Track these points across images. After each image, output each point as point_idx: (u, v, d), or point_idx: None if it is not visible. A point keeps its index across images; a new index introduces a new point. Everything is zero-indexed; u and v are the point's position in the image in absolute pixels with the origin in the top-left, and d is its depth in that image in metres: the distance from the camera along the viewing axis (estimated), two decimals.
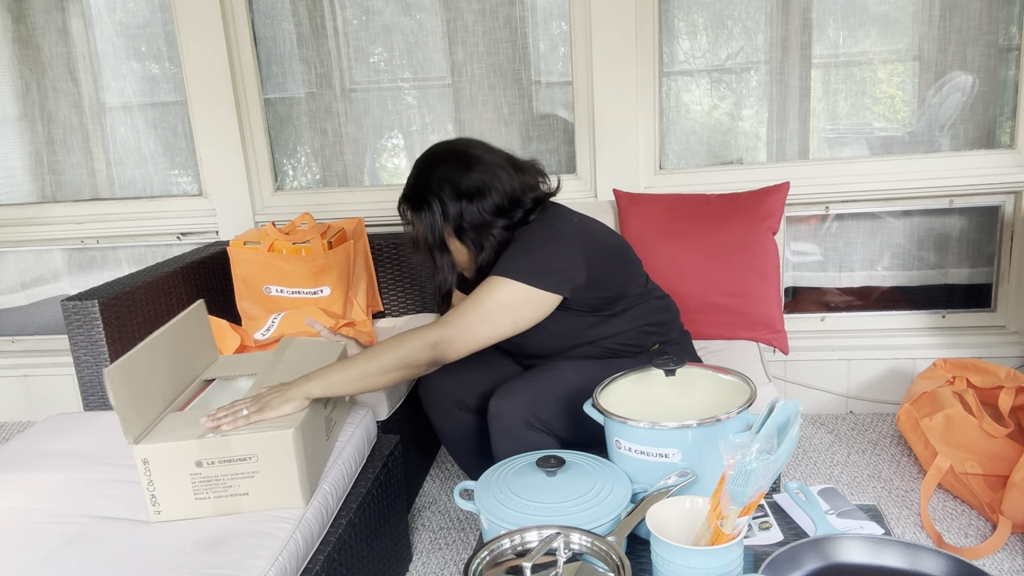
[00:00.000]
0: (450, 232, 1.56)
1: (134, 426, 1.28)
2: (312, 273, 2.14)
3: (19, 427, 2.81)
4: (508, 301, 1.46)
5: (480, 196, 1.52)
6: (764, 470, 0.94)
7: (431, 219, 1.54)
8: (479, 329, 1.45)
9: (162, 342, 1.42)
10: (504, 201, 1.54)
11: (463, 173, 1.53)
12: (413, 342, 1.43)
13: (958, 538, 1.81)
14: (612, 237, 1.65)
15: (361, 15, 2.53)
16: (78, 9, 2.63)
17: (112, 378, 1.24)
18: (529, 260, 1.49)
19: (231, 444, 1.26)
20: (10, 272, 2.89)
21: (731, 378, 1.33)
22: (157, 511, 1.29)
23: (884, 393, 2.46)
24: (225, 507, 1.29)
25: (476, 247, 1.56)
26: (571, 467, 1.23)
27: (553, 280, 1.48)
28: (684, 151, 2.50)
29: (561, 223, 1.55)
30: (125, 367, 1.28)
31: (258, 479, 1.28)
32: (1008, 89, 2.31)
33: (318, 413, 1.42)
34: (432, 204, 1.53)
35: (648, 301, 1.67)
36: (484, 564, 1.01)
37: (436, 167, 1.55)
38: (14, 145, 2.76)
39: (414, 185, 1.57)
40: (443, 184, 1.52)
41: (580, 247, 1.52)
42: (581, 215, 1.64)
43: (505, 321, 1.46)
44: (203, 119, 2.55)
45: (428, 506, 2.10)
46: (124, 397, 1.26)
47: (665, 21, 2.40)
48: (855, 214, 2.46)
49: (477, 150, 1.57)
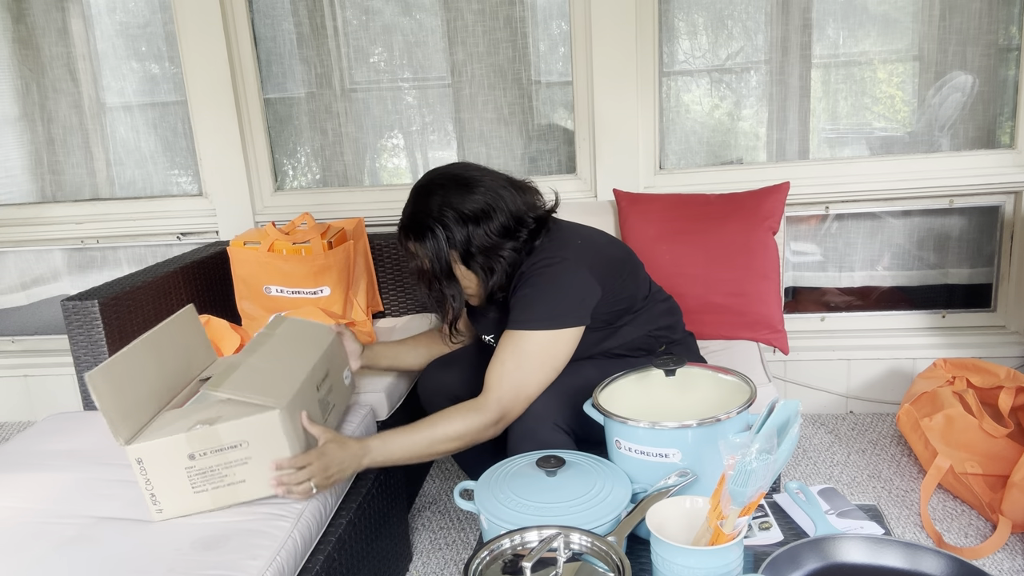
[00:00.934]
0: (456, 259, 1.51)
1: (123, 428, 1.28)
2: (312, 273, 2.14)
3: (19, 427, 2.81)
4: (540, 351, 1.46)
5: (487, 218, 1.48)
6: (764, 470, 0.94)
7: (436, 247, 1.49)
8: (526, 387, 1.45)
9: (149, 345, 1.42)
10: (510, 221, 1.50)
11: (466, 196, 1.48)
12: (473, 426, 1.42)
13: (958, 538, 1.81)
14: (616, 248, 1.64)
15: (361, 15, 2.53)
16: (78, 9, 2.63)
17: (94, 382, 1.25)
18: (547, 304, 1.47)
19: (220, 433, 1.26)
20: (10, 272, 2.89)
21: (731, 378, 1.33)
22: (158, 509, 1.29)
23: (884, 393, 2.46)
24: (224, 497, 1.29)
25: (486, 271, 1.51)
26: (571, 467, 1.23)
27: (573, 315, 1.48)
28: (684, 151, 2.50)
29: (566, 250, 1.52)
30: (108, 371, 1.28)
31: (252, 464, 1.28)
32: (1008, 89, 2.31)
33: (310, 394, 1.41)
34: (436, 231, 1.48)
35: (654, 305, 1.67)
36: (484, 564, 1.01)
37: (436, 192, 1.50)
38: (14, 145, 2.76)
39: (413, 213, 1.51)
40: (446, 209, 1.47)
41: (589, 268, 1.51)
42: (584, 231, 1.62)
43: (546, 370, 1.47)
44: (203, 119, 2.55)
45: (428, 506, 2.10)
46: (109, 401, 1.26)
47: (665, 21, 2.40)
48: (855, 214, 2.45)
49: (475, 172, 1.53)
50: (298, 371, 1.41)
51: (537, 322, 1.46)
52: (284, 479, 1.28)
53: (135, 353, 1.37)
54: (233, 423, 1.26)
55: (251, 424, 1.26)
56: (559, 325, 1.47)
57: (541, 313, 1.47)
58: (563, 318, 1.47)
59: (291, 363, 1.44)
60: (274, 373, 1.39)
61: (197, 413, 1.33)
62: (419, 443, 1.42)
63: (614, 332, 1.60)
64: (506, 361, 1.45)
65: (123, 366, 1.33)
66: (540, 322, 1.46)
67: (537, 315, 1.46)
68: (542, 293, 1.48)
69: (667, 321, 1.68)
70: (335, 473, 1.35)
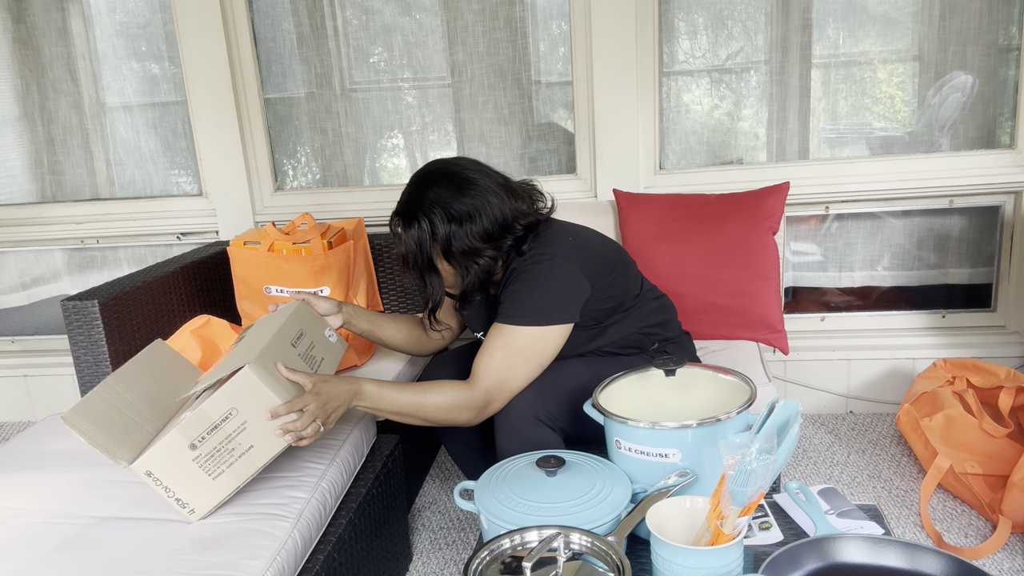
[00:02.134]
0: (438, 253, 1.56)
1: (120, 452, 1.32)
2: (312, 273, 2.13)
3: (19, 427, 2.81)
4: (526, 346, 1.49)
5: (470, 221, 1.52)
6: (764, 470, 0.94)
7: (420, 237, 1.54)
8: (511, 380, 1.49)
9: (120, 380, 1.45)
10: (493, 228, 1.53)
11: (456, 196, 1.52)
12: (458, 402, 1.47)
13: (958, 538, 1.81)
14: (607, 247, 1.66)
15: (361, 15, 2.53)
16: (78, 9, 2.63)
17: (72, 422, 1.30)
18: (536, 300, 1.50)
19: (206, 411, 1.26)
20: (10, 272, 2.89)
21: (731, 378, 1.33)
22: (190, 511, 1.29)
23: (884, 393, 2.46)
24: (242, 471, 1.29)
25: (463, 270, 1.56)
26: (571, 467, 1.23)
27: (562, 313, 1.51)
28: (684, 151, 2.50)
29: (557, 248, 1.55)
30: (82, 409, 1.33)
31: (251, 428, 1.28)
32: (1008, 89, 2.31)
33: (284, 350, 1.41)
34: (422, 223, 1.53)
35: (645, 304, 1.68)
36: (484, 564, 1.01)
37: (431, 187, 1.54)
38: (14, 145, 2.76)
39: (407, 202, 1.56)
40: (435, 206, 1.52)
41: (580, 266, 1.53)
42: (575, 229, 1.64)
43: (532, 365, 1.50)
44: (203, 119, 2.55)
45: (428, 506, 2.10)
46: (94, 433, 1.31)
47: (665, 21, 2.40)
48: (855, 214, 2.45)
49: (472, 173, 1.56)
50: (263, 337, 1.42)
51: (526, 317, 1.49)
52: (289, 427, 1.29)
53: (108, 389, 1.41)
54: (213, 396, 1.27)
55: (230, 389, 1.27)
56: (548, 322, 1.49)
57: (530, 309, 1.49)
58: (552, 315, 1.50)
59: (255, 338, 1.46)
60: (243, 351, 1.40)
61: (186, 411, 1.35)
62: (408, 402, 1.46)
63: (603, 331, 1.62)
64: (494, 354, 1.48)
65: (99, 402, 1.37)
66: (529, 318, 1.49)
67: (527, 311, 1.49)
68: (532, 289, 1.51)
69: (659, 319, 1.69)
70: (334, 408, 1.37)
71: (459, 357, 1.80)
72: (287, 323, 1.49)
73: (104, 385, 1.40)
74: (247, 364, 1.27)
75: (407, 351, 1.85)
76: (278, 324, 1.48)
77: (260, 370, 1.28)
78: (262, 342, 1.38)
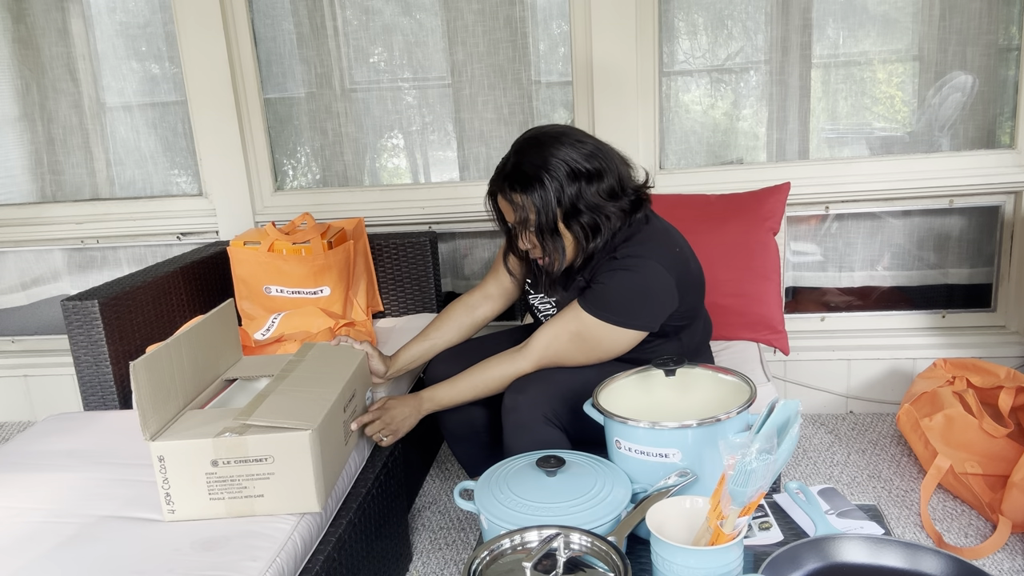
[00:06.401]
0: (559, 215, 1.47)
1: (152, 422, 1.28)
2: (312, 273, 2.14)
3: (19, 427, 2.81)
4: (596, 339, 1.48)
5: (598, 178, 1.46)
6: (764, 470, 0.94)
7: (545, 198, 1.44)
8: (564, 363, 1.52)
9: (190, 339, 1.42)
10: (617, 185, 1.48)
11: (581, 153, 1.46)
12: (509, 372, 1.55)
13: (958, 538, 1.81)
14: (699, 266, 1.63)
15: (361, 15, 2.53)
16: (78, 9, 2.63)
17: (137, 372, 1.24)
18: (627, 299, 1.46)
19: (248, 444, 1.25)
20: (10, 272, 2.89)
21: (731, 378, 1.33)
22: (171, 510, 1.28)
23: (884, 393, 2.46)
24: (239, 508, 1.28)
25: (587, 232, 1.47)
26: (571, 467, 1.23)
27: (645, 320, 1.50)
28: (684, 151, 2.50)
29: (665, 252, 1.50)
30: (151, 362, 1.28)
31: (273, 480, 1.27)
32: (1008, 89, 2.31)
33: (337, 416, 1.41)
34: (547, 183, 1.44)
35: (698, 323, 1.66)
36: (484, 564, 1.01)
37: (550, 146, 1.46)
38: (14, 145, 2.76)
39: (520, 164, 1.47)
40: (559, 164, 1.44)
41: (678, 281, 1.51)
42: (680, 240, 1.59)
43: (591, 357, 1.52)
44: (203, 119, 2.55)
45: (428, 506, 2.10)
46: (147, 392, 1.26)
47: (665, 21, 2.40)
48: (855, 214, 2.45)
49: (580, 133, 1.51)
50: (328, 394, 1.41)
51: (609, 313, 1.46)
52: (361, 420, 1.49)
53: (177, 346, 1.37)
54: (263, 436, 1.25)
55: (280, 440, 1.26)
56: (629, 324, 1.47)
57: (617, 306, 1.46)
58: (636, 319, 1.47)
59: (320, 387, 1.44)
60: (303, 399, 1.38)
61: (223, 419, 1.32)
62: (464, 391, 1.59)
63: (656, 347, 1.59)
64: (560, 334, 1.49)
65: (164, 358, 1.33)
66: (612, 314, 1.46)
67: (613, 306, 1.46)
68: (628, 288, 1.47)
69: (700, 339, 1.68)
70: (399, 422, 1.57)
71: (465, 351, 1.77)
72: (349, 383, 1.49)
73: (176, 340, 1.36)
74: (309, 430, 1.26)
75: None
76: (343, 379, 1.47)
77: (315, 440, 1.27)
78: (326, 402, 1.37)
